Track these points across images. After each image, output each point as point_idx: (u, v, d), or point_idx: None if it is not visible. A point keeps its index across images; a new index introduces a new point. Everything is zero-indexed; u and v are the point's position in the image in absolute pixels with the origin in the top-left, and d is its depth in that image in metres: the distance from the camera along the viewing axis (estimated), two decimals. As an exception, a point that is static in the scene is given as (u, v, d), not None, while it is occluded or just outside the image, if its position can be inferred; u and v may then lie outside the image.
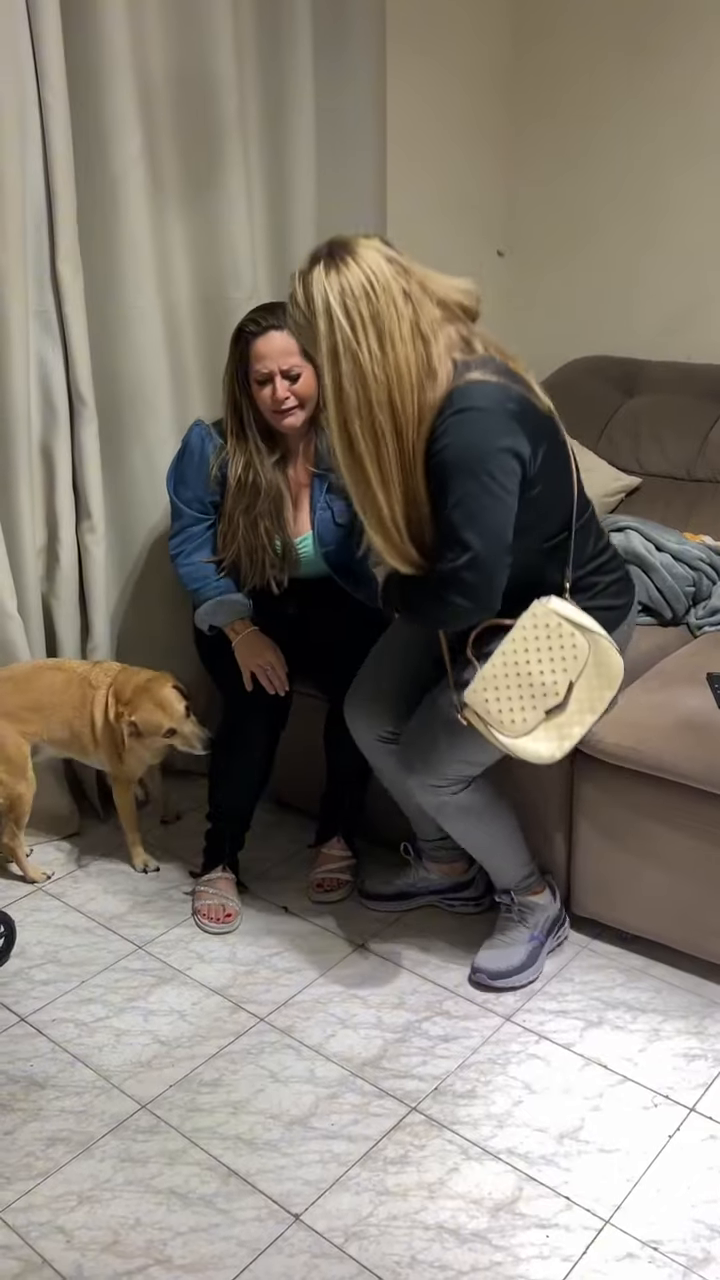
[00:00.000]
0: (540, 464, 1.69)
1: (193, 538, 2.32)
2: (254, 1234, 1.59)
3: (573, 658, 1.76)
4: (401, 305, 1.60)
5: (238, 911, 2.29)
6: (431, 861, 2.27)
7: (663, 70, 3.00)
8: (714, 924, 2.02)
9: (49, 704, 2.37)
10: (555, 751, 1.81)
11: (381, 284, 1.59)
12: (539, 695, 1.78)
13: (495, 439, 1.63)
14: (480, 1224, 1.60)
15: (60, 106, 2.21)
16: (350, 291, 1.58)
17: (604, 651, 1.78)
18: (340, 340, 1.59)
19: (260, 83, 2.57)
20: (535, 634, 1.77)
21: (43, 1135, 1.77)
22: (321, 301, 1.59)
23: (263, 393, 2.14)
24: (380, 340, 1.59)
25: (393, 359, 1.60)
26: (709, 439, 2.84)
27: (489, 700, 1.79)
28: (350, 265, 1.59)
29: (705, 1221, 1.59)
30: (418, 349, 1.61)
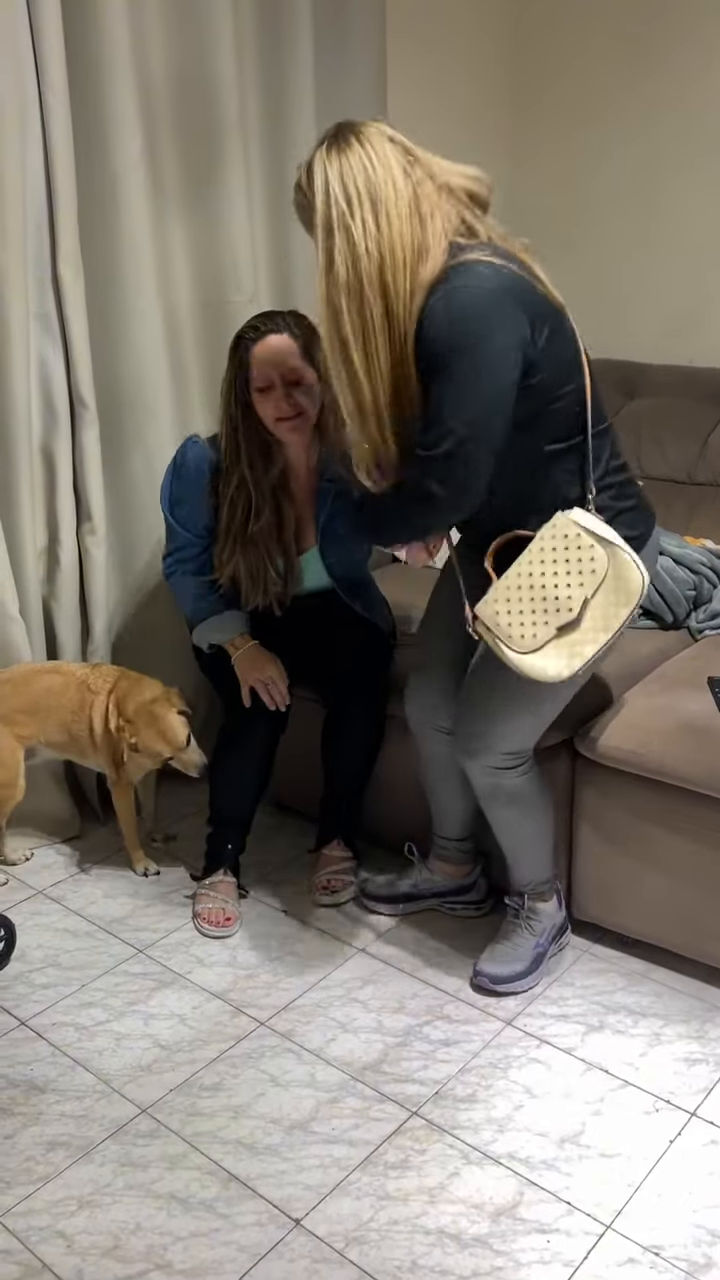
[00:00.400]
0: (543, 348, 1.62)
1: (187, 559, 2.29)
2: (254, 1239, 1.58)
3: (590, 571, 1.68)
4: (400, 183, 1.58)
5: (237, 915, 2.28)
6: (440, 861, 2.26)
7: (664, 71, 3.00)
8: (715, 928, 2.02)
9: (46, 707, 2.36)
10: (563, 670, 1.71)
11: (381, 162, 1.58)
12: (552, 610, 1.70)
13: (488, 316, 1.56)
14: (481, 1229, 1.59)
15: (61, 107, 2.21)
16: (349, 167, 1.57)
17: (624, 565, 1.68)
18: (335, 214, 1.56)
19: (261, 82, 2.58)
20: (554, 545, 1.69)
21: (43, 1139, 1.76)
22: (321, 178, 1.58)
23: (264, 402, 2.10)
24: (375, 216, 1.56)
25: (387, 235, 1.56)
26: (709, 442, 2.84)
27: (499, 613, 1.72)
28: (352, 145, 1.58)
29: (706, 1227, 1.59)
30: (414, 227, 1.58)
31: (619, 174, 3.16)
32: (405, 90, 2.93)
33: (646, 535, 1.83)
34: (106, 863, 2.52)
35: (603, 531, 1.68)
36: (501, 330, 1.57)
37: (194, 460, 2.22)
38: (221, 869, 2.34)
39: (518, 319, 1.58)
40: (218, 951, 2.21)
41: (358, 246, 1.56)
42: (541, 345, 1.61)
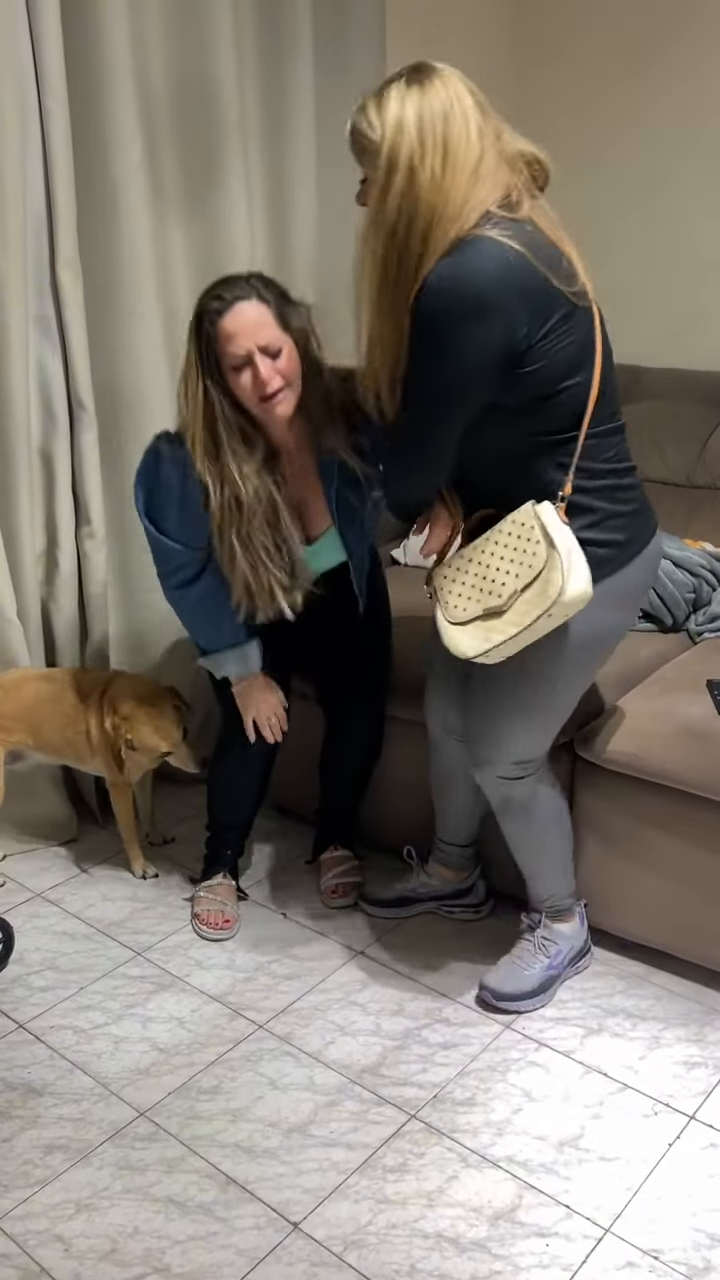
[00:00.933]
0: (542, 339, 1.56)
1: (191, 577, 2.02)
2: (252, 1242, 1.58)
3: (528, 565, 1.66)
4: (474, 138, 1.53)
5: (236, 918, 2.28)
6: (440, 865, 2.25)
7: (665, 75, 3.01)
8: (714, 931, 2.02)
9: (38, 713, 2.36)
10: (469, 650, 1.71)
11: (460, 111, 1.53)
12: (485, 591, 1.71)
13: (477, 300, 1.52)
14: (480, 1232, 1.59)
15: (61, 112, 2.21)
16: (430, 109, 1.52)
17: (553, 569, 1.63)
18: (404, 152, 1.51)
19: (261, 89, 2.58)
20: (510, 531, 1.69)
21: (41, 1143, 1.76)
22: (396, 113, 1.52)
23: (241, 381, 1.82)
24: (443, 165, 1.52)
25: (445, 187, 1.52)
26: (709, 445, 2.84)
27: (446, 578, 1.76)
28: (435, 86, 1.53)
29: (705, 1230, 1.58)
30: (468, 185, 1.53)
31: (619, 177, 3.16)
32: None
33: (639, 543, 1.77)
34: (105, 865, 2.52)
35: (555, 531, 1.64)
36: (486, 317, 1.52)
37: (169, 464, 1.94)
38: (220, 872, 2.34)
39: (510, 309, 1.53)
40: (216, 954, 2.21)
41: (419, 189, 1.52)
42: (539, 337, 1.56)
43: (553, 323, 1.57)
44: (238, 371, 1.82)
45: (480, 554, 1.72)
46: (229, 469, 1.87)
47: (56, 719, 2.36)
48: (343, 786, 2.40)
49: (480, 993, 2.04)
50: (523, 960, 2.04)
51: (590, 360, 1.65)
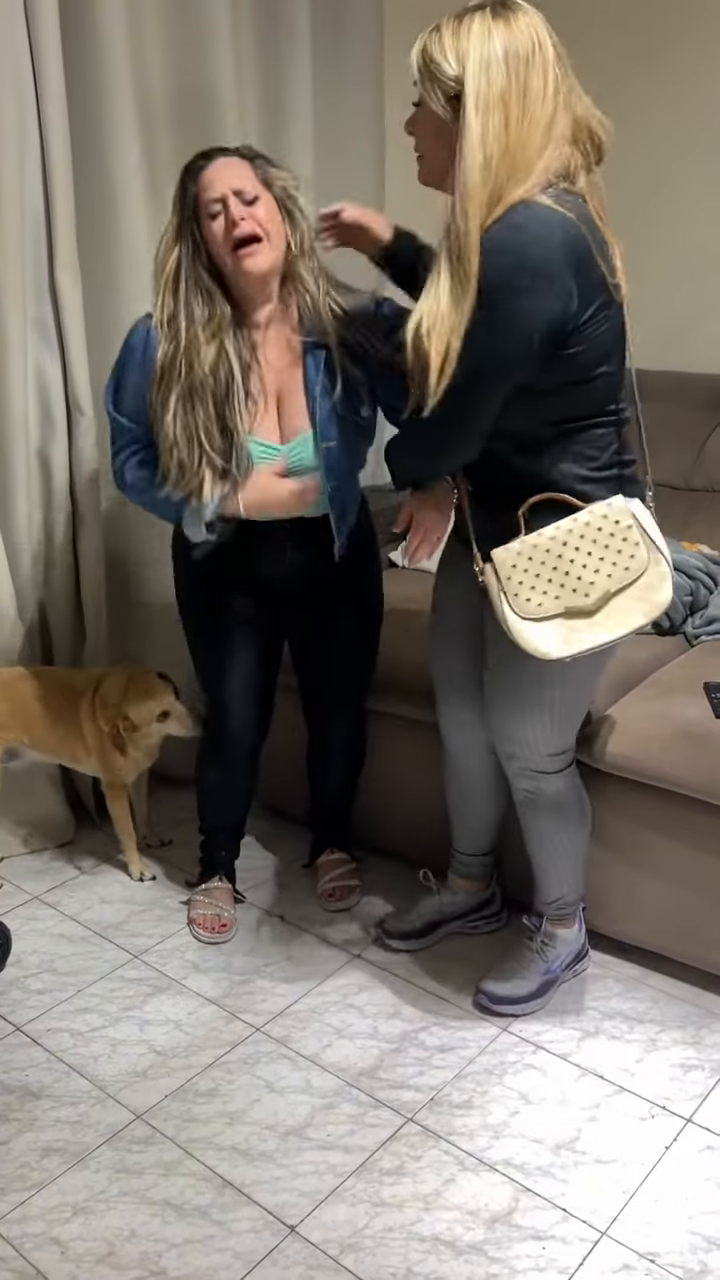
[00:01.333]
0: (586, 322, 1.52)
1: (139, 450, 1.91)
2: (249, 1245, 1.58)
3: (625, 567, 1.60)
4: (551, 93, 1.46)
5: (233, 921, 2.28)
6: (460, 878, 2.20)
7: (665, 81, 3.01)
8: (712, 935, 2.02)
9: (32, 711, 2.37)
10: (552, 649, 1.63)
11: (543, 59, 1.45)
12: (569, 589, 1.62)
13: (539, 271, 1.45)
14: (476, 1236, 1.59)
15: (59, 114, 2.22)
16: (516, 51, 1.44)
17: (661, 577, 1.60)
18: (497, 89, 1.43)
19: (259, 92, 2.59)
20: (599, 526, 1.60)
21: (38, 1146, 1.76)
22: (482, 47, 1.43)
23: (214, 227, 1.75)
24: (523, 113, 1.44)
25: (522, 141, 1.44)
26: (706, 448, 2.85)
27: (515, 567, 1.63)
28: (520, 24, 1.45)
29: (702, 1233, 1.58)
30: (541, 142, 1.46)
31: (616, 179, 3.15)
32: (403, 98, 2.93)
33: None
34: (102, 867, 2.52)
35: (655, 534, 1.60)
36: (540, 290, 1.46)
37: (141, 339, 1.84)
38: (216, 875, 2.33)
39: (566, 285, 1.48)
40: (213, 957, 2.21)
41: (510, 131, 1.44)
42: (585, 318, 1.52)
43: (597, 306, 1.53)
44: (213, 219, 1.76)
45: (560, 546, 1.61)
46: (185, 326, 1.78)
47: (50, 717, 2.36)
48: (331, 790, 2.39)
49: (477, 996, 2.04)
50: (520, 964, 2.04)
51: (621, 350, 1.61)
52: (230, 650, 2.14)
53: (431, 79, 1.48)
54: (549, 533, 1.63)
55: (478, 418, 1.56)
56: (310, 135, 2.67)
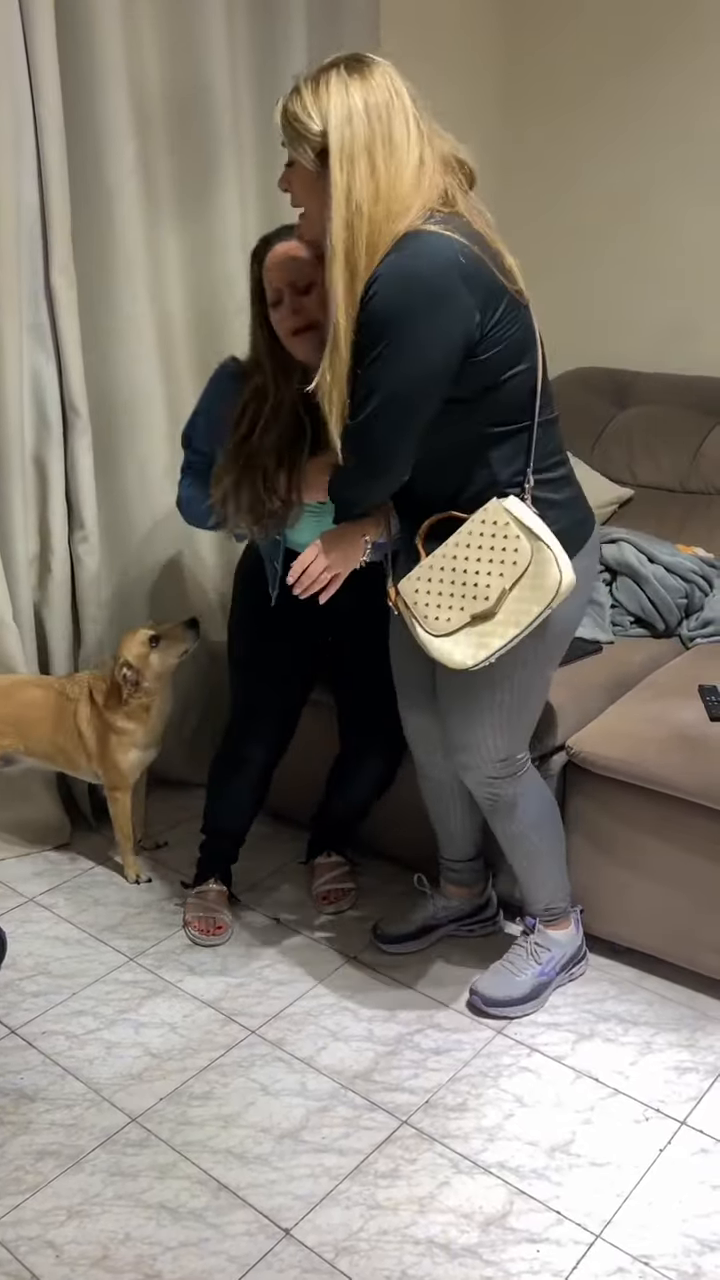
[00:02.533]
0: (492, 327, 1.56)
1: (201, 475, 2.04)
2: (244, 1249, 1.58)
3: (511, 563, 1.64)
4: (414, 133, 1.52)
5: (228, 924, 2.28)
6: (452, 885, 2.20)
7: (660, 84, 3.02)
8: (706, 937, 2.02)
9: (29, 719, 2.37)
10: (468, 659, 1.68)
11: (401, 105, 1.52)
12: (469, 596, 1.67)
13: (431, 294, 1.50)
14: (471, 1238, 1.59)
15: (54, 118, 2.22)
16: (374, 97, 1.50)
17: (545, 562, 1.63)
18: (360, 142, 1.49)
19: (255, 96, 2.59)
20: (481, 530, 1.65)
21: (32, 1149, 1.76)
22: (342, 102, 1.49)
23: (277, 316, 1.89)
24: (390, 160, 1.50)
25: (393, 182, 1.50)
26: (702, 451, 2.85)
27: (419, 591, 1.70)
28: (375, 77, 1.51)
29: (696, 1236, 1.59)
30: (414, 180, 1.52)
31: (612, 184, 3.17)
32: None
33: (588, 527, 1.78)
34: (98, 870, 2.52)
35: (533, 524, 1.63)
36: (443, 310, 1.51)
37: (225, 373, 2.04)
38: (212, 877, 2.33)
39: (463, 301, 1.51)
40: (209, 960, 2.21)
41: (378, 181, 1.50)
42: (491, 324, 1.55)
43: (501, 310, 1.56)
44: (275, 308, 1.87)
45: (451, 560, 1.67)
46: (269, 380, 1.91)
47: (47, 724, 2.36)
48: (349, 805, 2.39)
49: (471, 998, 2.04)
50: (514, 966, 2.04)
51: (533, 348, 1.64)
52: (267, 672, 2.22)
53: (297, 136, 1.53)
54: (441, 550, 1.68)
55: (407, 443, 1.60)
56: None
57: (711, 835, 1.96)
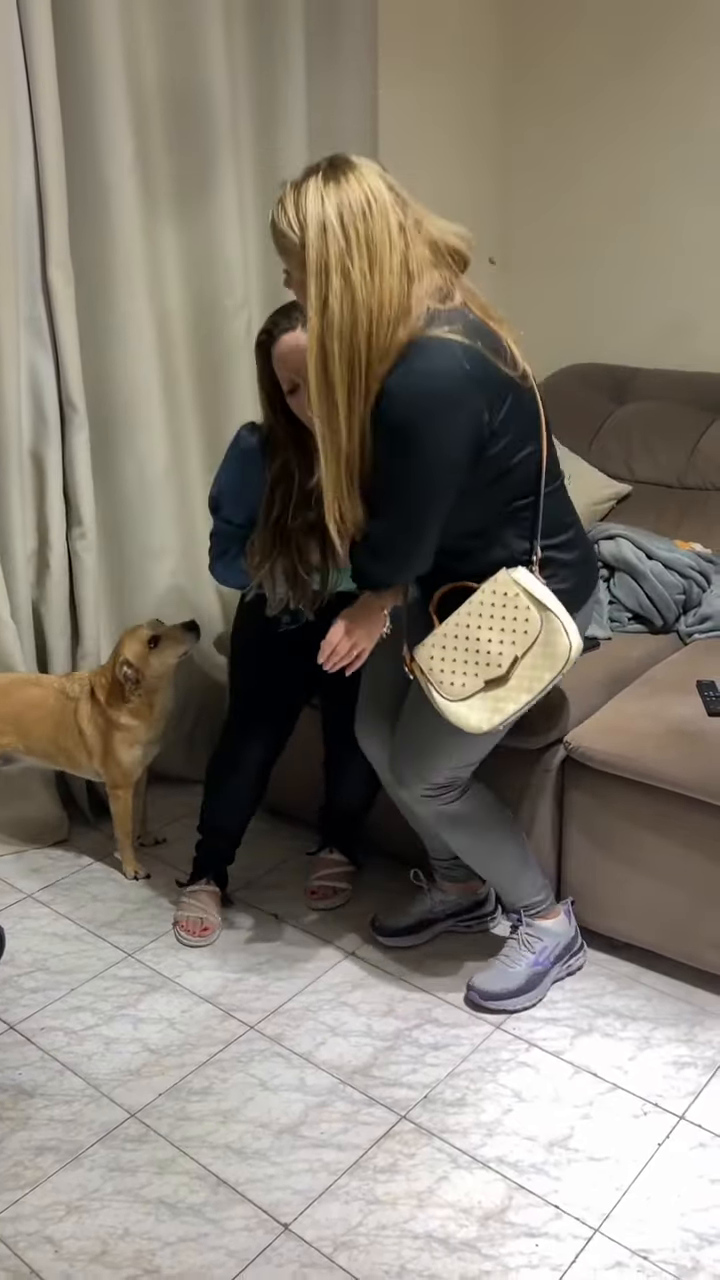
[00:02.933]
0: (501, 422, 1.61)
1: (231, 550, 2.12)
2: (243, 1244, 1.58)
3: (523, 632, 1.72)
4: (395, 235, 1.52)
5: (216, 926, 2.27)
6: (448, 882, 2.21)
7: (658, 82, 3.01)
8: (704, 932, 2.02)
9: (28, 718, 2.37)
10: (483, 723, 1.76)
11: (380, 208, 1.51)
12: (483, 664, 1.74)
13: (446, 404, 1.55)
14: (469, 1233, 1.59)
15: (52, 114, 2.21)
16: (349, 207, 1.50)
17: (554, 631, 1.72)
18: (333, 255, 1.50)
19: (253, 94, 2.59)
20: (492, 601, 1.73)
21: (31, 1144, 1.76)
22: (316, 213, 1.50)
23: (294, 401, 1.95)
24: (370, 265, 1.50)
25: (377, 287, 1.51)
26: (699, 447, 2.85)
27: (434, 658, 1.77)
28: (351, 182, 1.51)
29: (694, 1230, 1.59)
30: (402, 284, 1.53)
31: (611, 181, 3.17)
32: (397, 98, 2.94)
33: (588, 589, 1.86)
34: (96, 866, 2.52)
35: (540, 594, 1.71)
36: (455, 418, 1.56)
37: (245, 448, 2.08)
38: (205, 877, 2.33)
39: (474, 406, 1.57)
40: (207, 955, 2.21)
41: (356, 292, 1.51)
42: (499, 420, 1.61)
43: (507, 404, 1.61)
44: (292, 395, 1.93)
45: (465, 629, 1.75)
46: (293, 460, 1.99)
47: (47, 723, 2.36)
48: (347, 803, 2.39)
49: (468, 994, 2.04)
50: (509, 958, 2.05)
51: (537, 429, 1.69)
52: (266, 671, 2.24)
53: (283, 249, 1.56)
54: (453, 619, 1.75)
55: (431, 533, 1.67)
56: (303, 135, 2.67)
57: (709, 830, 1.96)
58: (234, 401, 2.68)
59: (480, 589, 1.73)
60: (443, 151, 3.21)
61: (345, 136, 2.75)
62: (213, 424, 2.70)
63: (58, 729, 2.36)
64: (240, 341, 2.65)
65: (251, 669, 2.27)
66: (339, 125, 2.73)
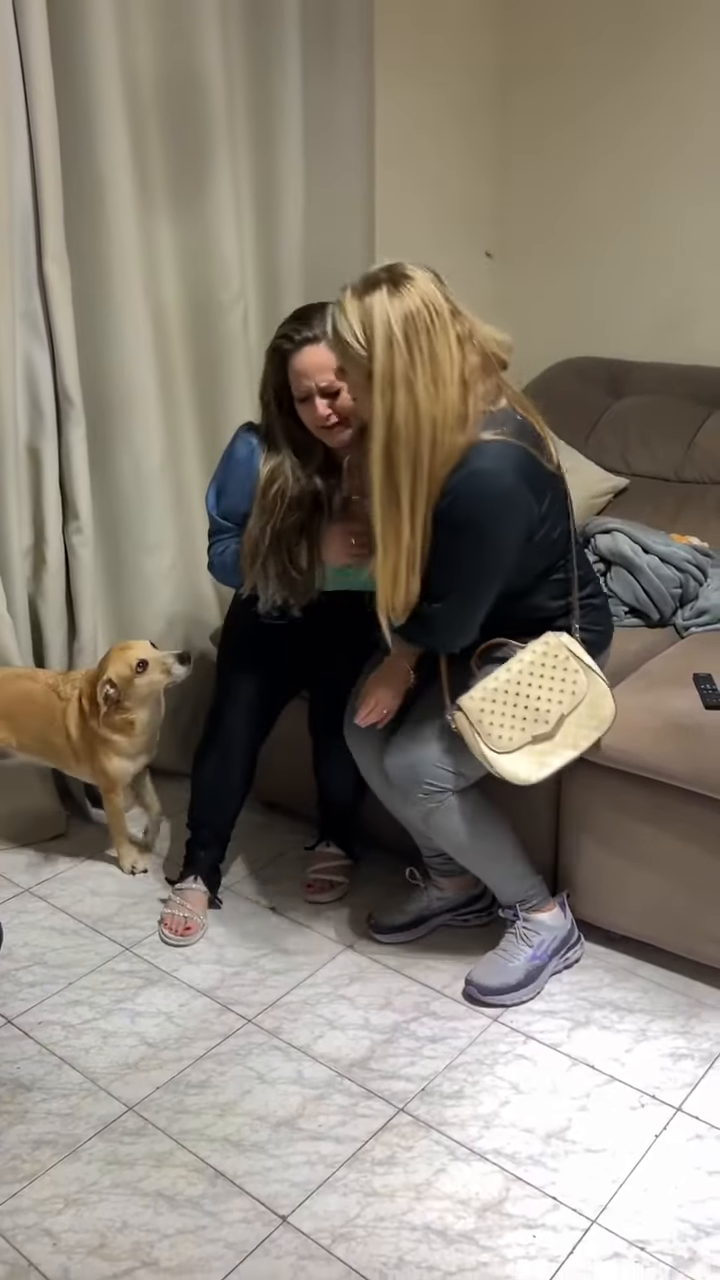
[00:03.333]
0: (545, 512, 1.78)
1: (230, 545, 2.15)
2: (241, 1236, 1.58)
3: (571, 692, 1.87)
4: (455, 349, 1.64)
5: (199, 926, 2.25)
6: (443, 878, 2.21)
7: (653, 73, 3.01)
8: (701, 925, 2.03)
9: (20, 713, 2.36)
10: (531, 775, 1.88)
11: (440, 324, 1.62)
12: (530, 720, 1.87)
13: (504, 504, 1.71)
14: (467, 1225, 1.60)
15: (47, 104, 2.21)
16: (413, 323, 1.60)
17: (600, 695, 1.90)
18: (399, 370, 1.61)
19: (249, 85, 2.58)
20: (544, 661, 1.86)
21: (29, 1138, 1.76)
22: (383, 328, 1.60)
23: (303, 409, 2.00)
24: (434, 378, 1.62)
25: (440, 399, 1.63)
26: (696, 441, 2.85)
27: (484, 711, 1.86)
28: (412, 295, 1.61)
29: (691, 1221, 1.59)
30: (460, 393, 1.66)
31: (608, 174, 3.17)
32: (394, 88, 2.94)
33: (611, 631, 2.06)
34: (93, 860, 2.52)
35: (588, 660, 1.89)
36: (513, 515, 1.73)
37: (243, 447, 2.12)
38: (193, 875, 2.31)
39: (528, 503, 1.74)
40: (204, 949, 2.21)
41: (420, 404, 1.63)
42: (544, 510, 1.78)
43: (550, 496, 1.79)
44: (303, 403, 1.99)
45: (515, 685, 1.86)
46: (285, 460, 2.05)
47: (38, 719, 2.36)
48: (337, 795, 2.39)
49: (466, 988, 2.05)
50: (507, 953, 2.05)
51: (568, 509, 1.86)
52: (255, 659, 2.26)
53: (345, 356, 1.68)
54: (503, 675, 1.87)
55: (478, 615, 1.85)
56: (299, 125, 2.67)
57: (706, 823, 1.96)
58: (230, 395, 2.67)
59: (530, 649, 1.87)
60: (440, 146, 3.21)
61: (342, 131, 2.75)
62: (209, 418, 2.70)
63: (48, 727, 2.36)
64: (236, 335, 2.65)
65: (238, 656, 2.29)
66: (335, 120, 2.72)
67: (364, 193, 2.85)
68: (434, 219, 3.20)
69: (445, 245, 3.20)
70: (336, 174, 2.79)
